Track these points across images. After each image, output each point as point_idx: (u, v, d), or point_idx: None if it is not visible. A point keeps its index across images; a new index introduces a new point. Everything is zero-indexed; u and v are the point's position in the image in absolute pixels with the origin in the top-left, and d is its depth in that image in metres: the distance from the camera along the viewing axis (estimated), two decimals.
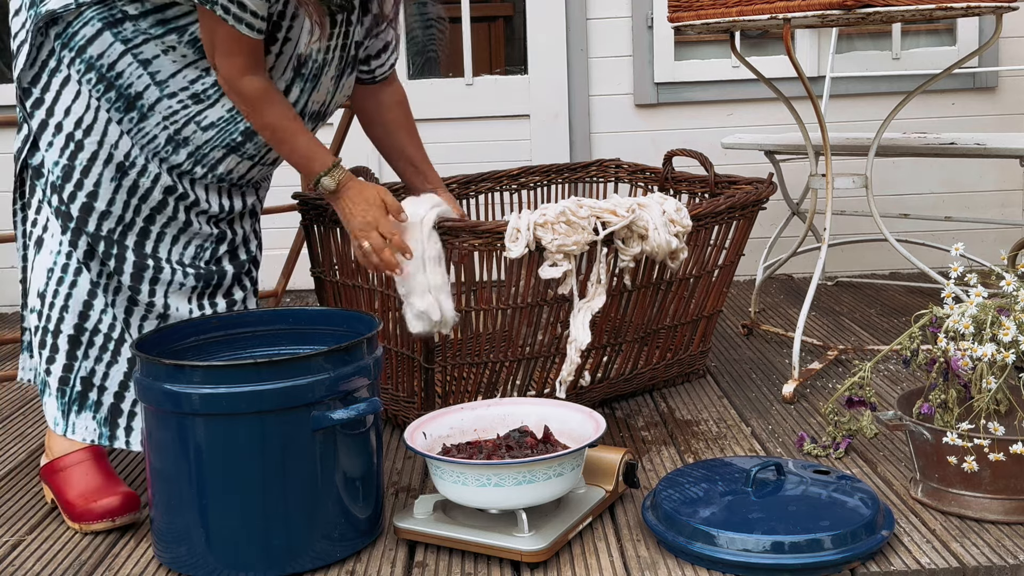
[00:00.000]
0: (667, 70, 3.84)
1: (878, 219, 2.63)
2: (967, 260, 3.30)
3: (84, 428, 1.94)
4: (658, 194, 2.29)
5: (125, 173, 1.92)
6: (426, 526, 1.73)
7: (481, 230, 2.05)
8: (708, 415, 2.38)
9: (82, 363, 1.94)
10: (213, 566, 1.66)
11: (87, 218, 1.91)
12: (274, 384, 1.61)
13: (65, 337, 1.92)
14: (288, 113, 1.94)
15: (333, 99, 2.10)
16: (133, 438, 1.97)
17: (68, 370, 1.93)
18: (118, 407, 1.96)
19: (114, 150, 1.91)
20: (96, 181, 1.91)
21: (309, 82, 2.01)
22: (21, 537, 1.88)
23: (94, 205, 1.91)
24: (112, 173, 1.91)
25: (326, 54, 2.00)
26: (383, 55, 2.18)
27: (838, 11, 2.19)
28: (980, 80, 3.81)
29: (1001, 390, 1.75)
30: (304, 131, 1.96)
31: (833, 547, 1.60)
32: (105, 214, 1.92)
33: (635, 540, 1.75)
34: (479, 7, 4.04)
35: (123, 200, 1.93)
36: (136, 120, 1.92)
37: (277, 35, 1.92)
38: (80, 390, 1.94)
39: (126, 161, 1.92)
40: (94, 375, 1.95)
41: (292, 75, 1.98)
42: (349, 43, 2.04)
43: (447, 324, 2.02)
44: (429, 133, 3.88)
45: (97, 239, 1.91)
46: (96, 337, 1.94)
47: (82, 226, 1.91)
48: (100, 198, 1.91)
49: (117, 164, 1.92)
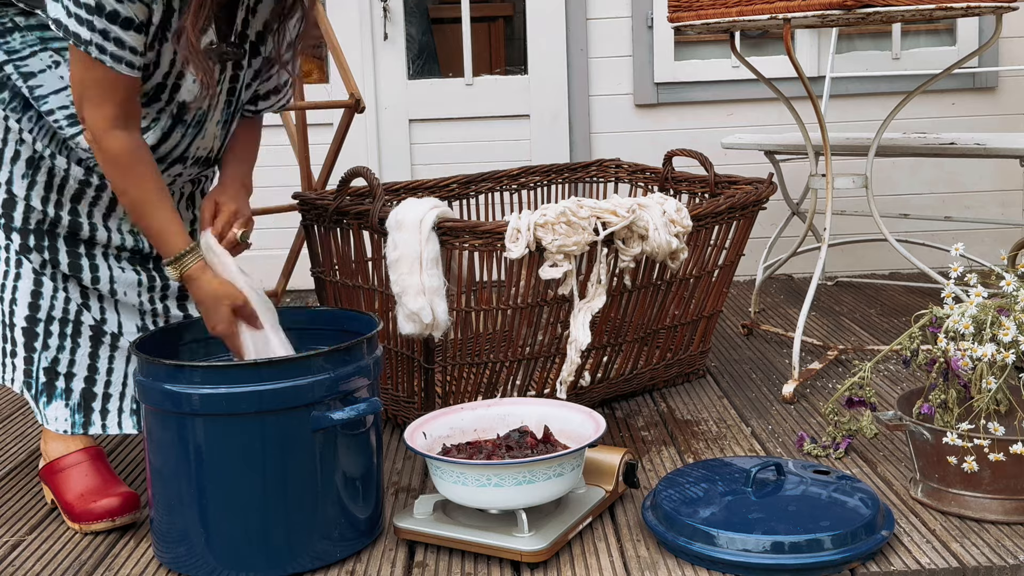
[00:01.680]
0: (667, 70, 3.84)
1: (878, 219, 2.63)
2: (967, 260, 3.30)
3: (55, 419, 1.91)
4: (658, 194, 2.29)
5: (37, 167, 1.86)
6: (426, 526, 1.73)
7: (481, 230, 2.05)
8: (708, 415, 2.38)
9: (42, 353, 1.90)
10: (213, 566, 1.66)
11: (12, 214, 1.87)
12: (274, 384, 1.61)
13: (20, 330, 1.89)
14: (152, 183, 1.77)
15: (223, 145, 1.98)
16: (110, 420, 1.94)
17: (29, 363, 1.90)
18: (90, 391, 1.93)
19: (20, 146, 1.86)
20: (8, 178, 1.87)
21: (192, 128, 1.89)
22: (21, 537, 1.88)
23: (16, 201, 1.87)
24: (23, 169, 1.87)
25: (210, 99, 1.87)
26: (272, 97, 2.02)
27: (838, 11, 2.19)
28: (980, 80, 3.81)
29: (1001, 390, 1.75)
30: (165, 206, 1.78)
31: (833, 547, 1.60)
32: (28, 208, 1.87)
33: (635, 540, 1.75)
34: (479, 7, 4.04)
35: (40, 195, 1.87)
36: (35, 119, 1.85)
37: (165, 85, 1.81)
38: (45, 380, 1.91)
39: (35, 155, 1.86)
40: (58, 363, 1.91)
41: (171, 121, 1.86)
42: (239, 87, 1.92)
43: (439, 327, 2.02)
44: (429, 133, 3.92)
45: (27, 233, 1.87)
46: (52, 326, 1.90)
47: (10, 222, 1.87)
48: (17, 196, 1.87)
49: (27, 159, 1.86)
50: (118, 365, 1.95)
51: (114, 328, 1.95)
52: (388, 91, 3.89)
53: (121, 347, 1.95)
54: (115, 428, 1.94)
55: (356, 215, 2.17)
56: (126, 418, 1.95)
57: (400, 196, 2.51)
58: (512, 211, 2.73)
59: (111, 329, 1.94)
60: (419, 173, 3.87)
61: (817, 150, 2.95)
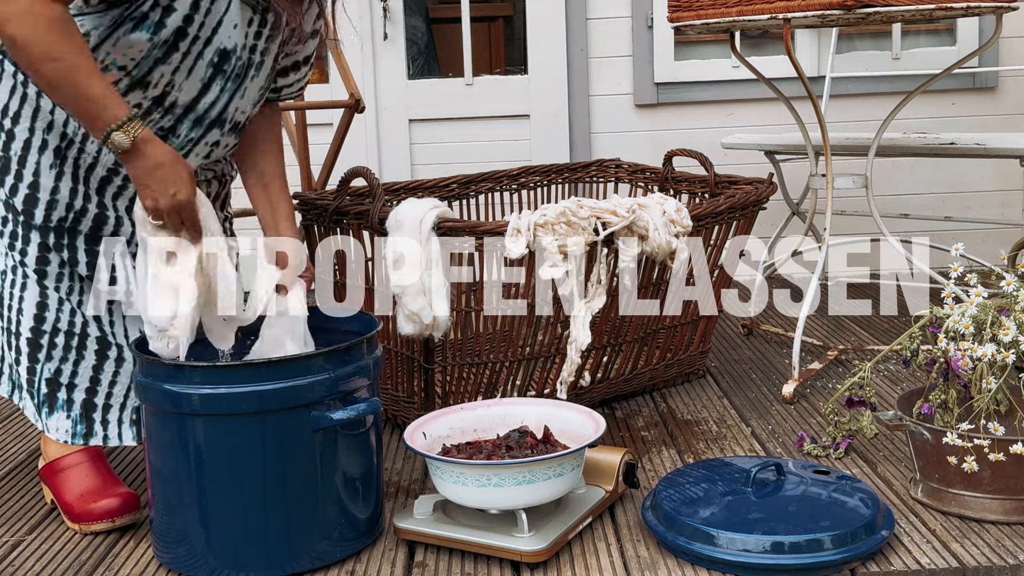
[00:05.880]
0: (667, 70, 3.84)
1: (878, 219, 2.63)
2: (967, 260, 3.30)
3: (56, 429, 1.90)
4: (658, 194, 2.29)
5: (64, 157, 1.80)
6: (426, 526, 1.73)
7: (481, 230, 2.05)
8: (708, 415, 2.38)
9: (45, 364, 1.88)
10: (213, 566, 1.66)
11: (33, 211, 1.82)
12: (274, 384, 1.61)
13: (24, 340, 1.87)
14: (87, 53, 1.62)
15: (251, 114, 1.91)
16: (111, 431, 1.92)
17: (32, 372, 1.88)
18: (91, 402, 1.91)
19: (47, 135, 1.79)
20: (35, 170, 1.80)
21: (232, 81, 1.82)
22: (21, 537, 1.88)
23: (38, 196, 1.81)
24: (51, 160, 1.80)
25: (251, 54, 1.81)
26: (292, 74, 1.98)
27: (838, 11, 2.19)
28: (980, 80, 3.81)
29: (1001, 390, 1.75)
30: (101, 76, 1.64)
31: (833, 547, 1.60)
32: (52, 203, 1.81)
33: (635, 540, 1.75)
34: (479, 7, 4.05)
35: (69, 186, 1.81)
36: None
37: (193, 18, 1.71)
38: (47, 391, 1.89)
39: (62, 143, 1.80)
40: (60, 375, 1.89)
41: (211, 71, 1.79)
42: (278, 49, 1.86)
43: (439, 328, 2.01)
44: (429, 133, 3.91)
45: (47, 231, 1.83)
46: (57, 337, 1.87)
47: (30, 219, 1.82)
48: (42, 188, 1.81)
49: (54, 149, 1.80)
50: (122, 379, 1.93)
51: (120, 340, 1.93)
52: (388, 91, 3.89)
53: (126, 359, 1.93)
54: (116, 440, 1.93)
55: (356, 215, 2.17)
56: (126, 429, 1.94)
57: (400, 196, 2.51)
58: (512, 211, 2.73)
59: (117, 341, 1.92)
60: (419, 173, 3.87)
61: (817, 150, 2.95)
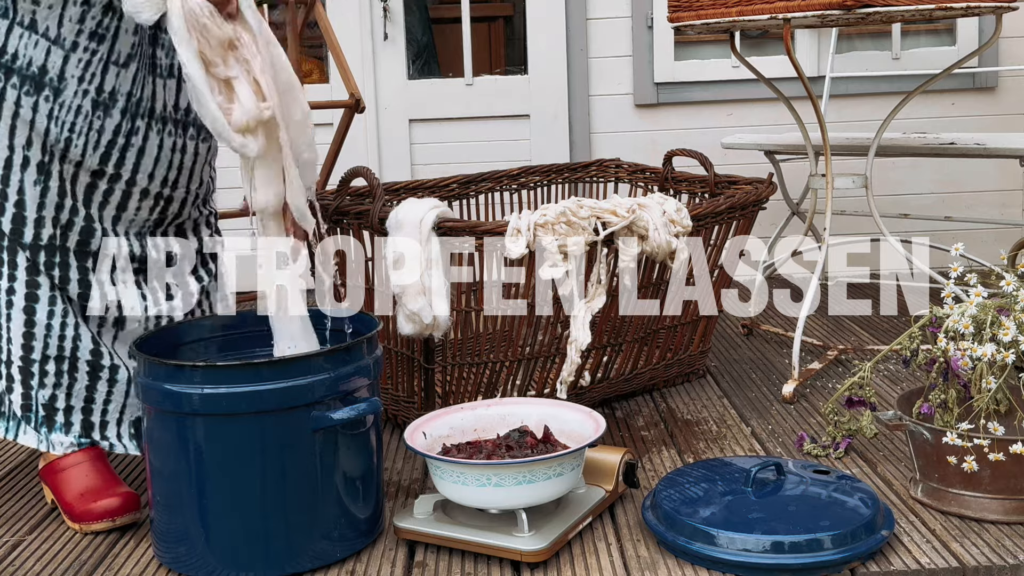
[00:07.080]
0: (667, 70, 3.84)
1: (878, 219, 2.63)
2: (967, 260, 3.30)
3: (59, 444, 1.90)
4: (658, 194, 2.29)
5: (48, 172, 1.79)
6: (426, 526, 1.73)
7: (481, 230, 2.05)
8: (708, 415, 2.38)
9: (39, 391, 1.88)
10: (213, 566, 1.66)
11: (22, 229, 1.81)
12: (274, 384, 1.61)
13: (16, 368, 1.87)
14: None
15: None
16: (110, 431, 1.93)
17: (27, 398, 1.88)
18: (88, 421, 1.92)
19: (27, 151, 1.78)
20: (19, 188, 1.79)
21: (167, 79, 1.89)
22: (21, 537, 1.88)
23: (24, 214, 1.80)
24: (34, 176, 1.79)
25: None
26: None
27: (838, 11, 2.19)
28: (980, 80, 3.81)
29: (1001, 390, 1.75)
30: None
31: (833, 547, 1.60)
32: (40, 221, 1.81)
33: (635, 540, 1.75)
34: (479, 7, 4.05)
35: (55, 202, 1.81)
36: (52, 97, 1.76)
37: None
38: (44, 415, 1.89)
39: (44, 157, 1.78)
40: (55, 400, 1.89)
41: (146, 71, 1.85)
42: None
43: (439, 328, 2.01)
44: (429, 133, 3.92)
45: (37, 250, 1.82)
46: (47, 365, 1.86)
47: (19, 239, 1.81)
48: (28, 206, 1.80)
49: (37, 165, 1.79)
50: (115, 398, 1.93)
51: (111, 360, 1.92)
52: (388, 91, 3.89)
53: (119, 380, 1.93)
54: (120, 448, 1.94)
55: (356, 215, 2.17)
56: (127, 441, 1.94)
57: (400, 196, 2.51)
58: (512, 211, 2.73)
59: (109, 362, 1.91)
60: (419, 173, 3.87)
61: (817, 150, 2.95)
